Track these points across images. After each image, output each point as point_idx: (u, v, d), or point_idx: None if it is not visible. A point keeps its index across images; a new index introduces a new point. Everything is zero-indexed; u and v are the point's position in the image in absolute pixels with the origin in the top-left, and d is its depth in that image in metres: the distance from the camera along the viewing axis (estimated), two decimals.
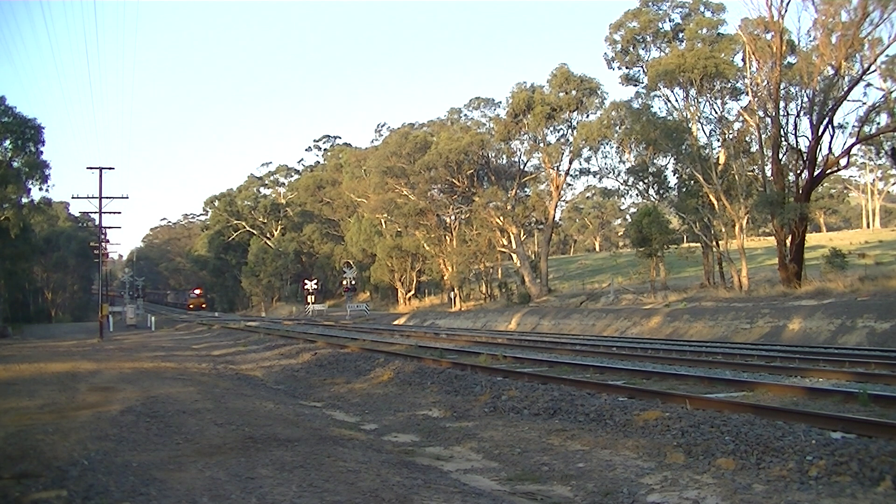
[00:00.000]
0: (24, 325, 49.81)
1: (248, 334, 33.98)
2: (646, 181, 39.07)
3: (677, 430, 8.09)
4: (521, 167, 49.14)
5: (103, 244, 51.22)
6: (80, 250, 73.61)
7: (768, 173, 31.30)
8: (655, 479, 6.73)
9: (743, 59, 33.35)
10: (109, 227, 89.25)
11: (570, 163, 46.18)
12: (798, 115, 30.19)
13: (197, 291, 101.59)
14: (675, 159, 36.05)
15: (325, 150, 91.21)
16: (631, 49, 39.05)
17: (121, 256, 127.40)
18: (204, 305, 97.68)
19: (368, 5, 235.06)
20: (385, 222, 60.44)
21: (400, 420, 10.61)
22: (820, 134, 29.10)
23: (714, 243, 35.25)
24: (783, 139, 30.44)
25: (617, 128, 40.59)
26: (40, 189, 44.74)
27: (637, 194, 42.06)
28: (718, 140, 35.82)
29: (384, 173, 50.51)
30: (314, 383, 15.60)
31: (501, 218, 45.95)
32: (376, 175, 52.39)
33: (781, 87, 29.89)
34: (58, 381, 14.10)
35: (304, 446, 7.77)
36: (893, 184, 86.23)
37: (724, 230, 33.22)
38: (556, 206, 50.02)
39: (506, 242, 47.32)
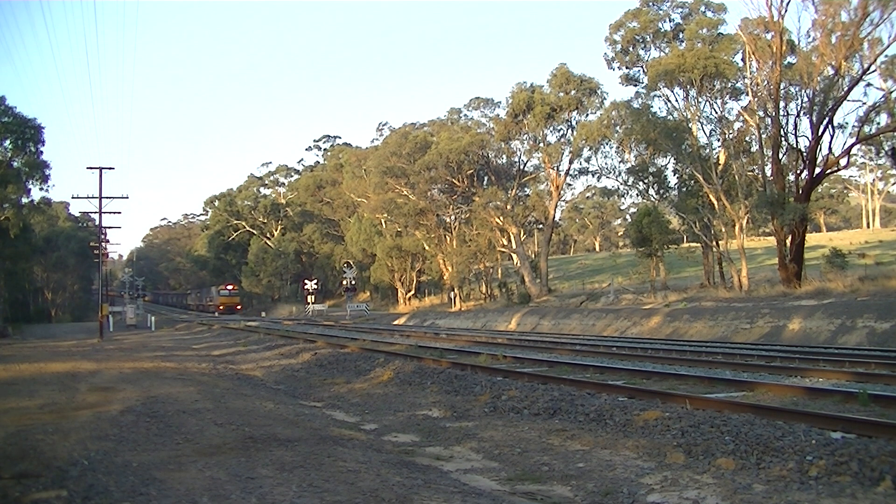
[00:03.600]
0: (24, 325, 49.78)
1: (247, 334, 33.98)
2: (646, 181, 39.06)
3: (677, 430, 8.09)
4: (521, 167, 49.14)
5: (103, 244, 51.18)
6: (80, 250, 73.53)
7: (768, 173, 31.29)
8: (655, 479, 6.73)
9: (743, 59, 33.37)
10: (109, 227, 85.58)
11: (570, 163, 46.24)
12: (798, 115, 30.21)
13: (230, 287, 78.05)
14: (675, 159, 36.03)
15: (325, 150, 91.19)
16: (631, 49, 39.04)
17: (121, 256, 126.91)
18: (239, 307, 76.68)
19: (369, 5, 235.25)
20: (385, 222, 60.42)
21: (400, 420, 10.61)
22: (820, 134, 29.11)
23: (714, 243, 35.24)
24: (783, 139, 30.44)
25: (617, 128, 40.57)
26: (40, 189, 44.85)
27: (637, 194, 42.09)
28: (718, 140, 35.83)
29: (384, 173, 50.50)
30: (314, 383, 15.60)
31: (501, 218, 45.95)
32: (376, 175, 52.38)
33: (781, 87, 29.88)
34: (58, 381, 14.09)
35: (304, 446, 7.77)
36: (893, 184, 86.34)
37: (724, 230, 33.21)
38: (556, 206, 50.01)
39: (506, 242, 47.32)
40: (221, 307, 73.75)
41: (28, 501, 5.51)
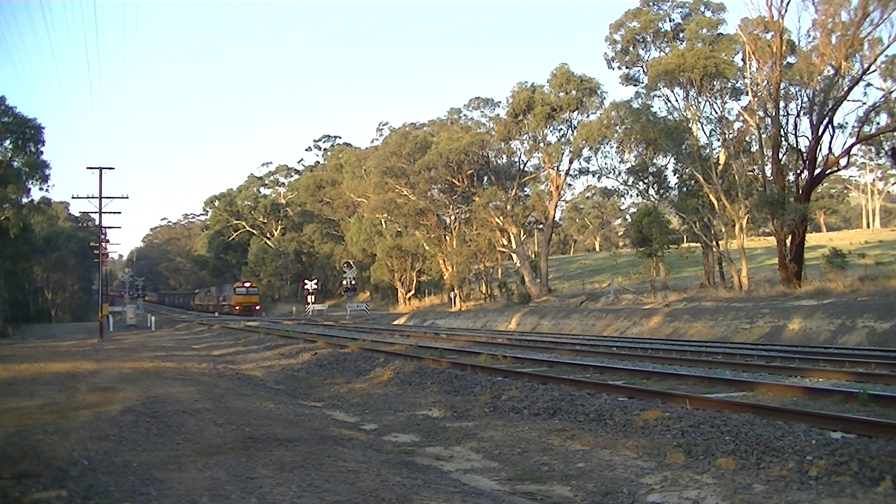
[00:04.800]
0: (24, 325, 49.77)
1: (247, 334, 33.97)
2: (646, 181, 39.06)
3: (677, 430, 8.09)
4: (521, 167, 49.16)
5: (103, 244, 51.17)
6: (80, 250, 73.51)
7: (768, 173, 31.29)
8: (655, 479, 6.73)
9: (743, 59, 33.37)
10: (109, 227, 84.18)
11: (570, 163, 46.28)
12: (798, 115, 30.24)
13: (247, 285, 67.92)
14: (675, 159, 36.04)
15: (325, 150, 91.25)
16: (631, 49, 39.04)
17: (121, 256, 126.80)
18: (259, 307, 67.15)
19: (369, 5, 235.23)
20: (385, 222, 60.44)
21: (400, 420, 10.60)
22: (820, 134, 29.12)
23: (714, 243, 35.24)
24: (783, 139, 30.45)
25: (617, 128, 40.57)
26: (40, 189, 44.83)
27: (637, 194, 42.10)
28: (718, 140, 35.84)
29: (384, 173, 50.53)
30: (314, 383, 15.59)
31: (501, 218, 45.96)
32: (376, 175, 52.41)
33: (781, 87, 29.89)
34: (58, 381, 14.09)
35: (304, 446, 7.77)
36: (893, 184, 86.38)
37: (724, 230, 33.22)
38: (556, 206, 50.03)
39: (506, 242, 47.32)
40: (238, 308, 64.08)
41: (28, 501, 5.51)
